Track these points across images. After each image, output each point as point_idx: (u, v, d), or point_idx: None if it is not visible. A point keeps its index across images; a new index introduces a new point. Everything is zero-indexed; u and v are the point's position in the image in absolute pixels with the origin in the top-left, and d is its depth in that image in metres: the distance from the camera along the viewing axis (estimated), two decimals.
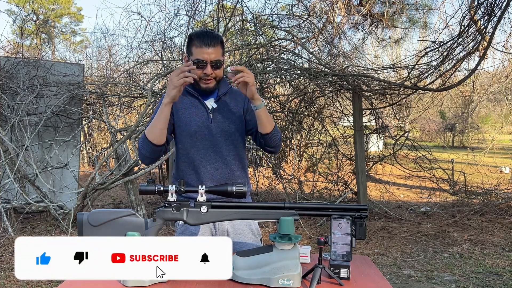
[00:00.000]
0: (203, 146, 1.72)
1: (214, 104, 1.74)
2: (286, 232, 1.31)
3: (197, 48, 1.63)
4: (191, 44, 1.66)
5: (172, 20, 6.61)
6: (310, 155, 6.85)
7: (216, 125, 1.72)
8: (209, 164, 1.72)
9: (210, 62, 1.64)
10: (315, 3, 6.76)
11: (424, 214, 5.64)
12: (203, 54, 1.62)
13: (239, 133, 1.77)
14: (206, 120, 1.72)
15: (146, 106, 4.94)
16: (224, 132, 1.73)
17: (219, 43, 1.66)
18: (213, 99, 1.75)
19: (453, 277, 3.52)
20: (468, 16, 5.17)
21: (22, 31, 6.31)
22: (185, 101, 1.75)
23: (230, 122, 1.74)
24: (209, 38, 1.63)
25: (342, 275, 1.37)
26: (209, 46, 1.62)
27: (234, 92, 1.81)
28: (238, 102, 1.78)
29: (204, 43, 1.62)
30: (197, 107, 1.74)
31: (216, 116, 1.73)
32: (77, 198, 4.82)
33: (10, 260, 3.71)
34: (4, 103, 4.88)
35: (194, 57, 1.65)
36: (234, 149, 1.76)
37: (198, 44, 1.63)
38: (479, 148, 11.97)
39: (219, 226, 1.75)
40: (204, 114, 1.73)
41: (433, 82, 5.69)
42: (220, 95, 1.75)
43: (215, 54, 1.64)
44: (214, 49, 1.63)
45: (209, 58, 1.63)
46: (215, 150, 1.73)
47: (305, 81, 5.70)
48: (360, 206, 1.40)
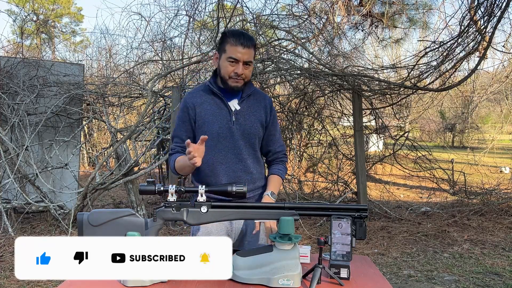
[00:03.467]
0: (223, 147, 1.73)
1: (238, 106, 1.74)
2: (286, 232, 1.31)
3: (232, 46, 1.65)
4: (225, 42, 1.67)
5: (172, 20, 6.63)
6: (310, 155, 6.85)
7: (238, 127, 1.73)
8: (229, 166, 1.73)
9: (243, 62, 1.66)
10: (315, 3, 6.76)
11: (424, 214, 5.63)
12: (237, 53, 1.64)
13: (257, 137, 1.78)
14: (228, 122, 1.72)
15: (146, 106, 4.94)
16: (245, 135, 1.74)
17: (253, 45, 1.69)
18: (236, 101, 1.75)
19: (453, 277, 3.52)
20: (468, 16, 5.17)
21: (22, 31, 6.31)
22: (209, 100, 1.75)
23: (251, 125, 1.75)
24: (245, 39, 1.65)
25: (342, 275, 1.37)
26: (244, 46, 1.64)
27: (258, 94, 1.82)
28: (261, 107, 1.79)
29: (239, 43, 1.64)
30: (220, 107, 1.74)
31: (239, 119, 1.74)
32: (77, 198, 4.82)
33: (10, 260, 3.71)
34: (4, 103, 4.88)
35: (227, 55, 1.66)
36: (253, 152, 1.77)
37: (233, 43, 1.64)
38: (479, 148, 11.97)
39: (235, 224, 1.78)
40: (227, 116, 1.73)
41: (433, 82, 5.69)
42: (244, 97, 1.76)
43: (248, 55, 1.66)
44: (248, 50, 1.65)
45: (242, 58, 1.65)
46: (235, 152, 1.73)
47: (305, 81, 5.69)
48: (360, 206, 1.40)
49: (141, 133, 5.32)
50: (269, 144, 1.84)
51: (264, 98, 1.83)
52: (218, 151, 1.73)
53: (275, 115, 1.85)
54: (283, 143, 1.91)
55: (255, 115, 1.77)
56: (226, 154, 1.73)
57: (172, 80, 6.08)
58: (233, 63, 1.66)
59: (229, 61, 1.66)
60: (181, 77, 5.81)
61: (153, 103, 5.51)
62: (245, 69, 1.68)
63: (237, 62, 1.65)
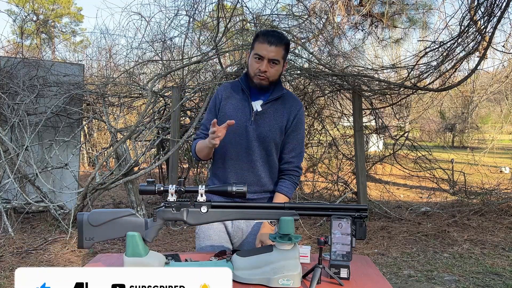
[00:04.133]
0: (237, 144, 1.73)
1: (259, 108, 1.74)
2: (286, 232, 1.31)
3: (259, 44, 1.66)
4: (256, 40, 1.69)
5: (172, 20, 6.61)
6: (310, 155, 6.85)
7: (254, 128, 1.72)
8: (238, 163, 1.73)
9: (268, 60, 1.65)
10: (315, 3, 6.77)
11: (424, 214, 5.63)
12: (263, 50, 1.65)
13: (274, 142, 1.75)
14: (247, 120, 1.73)
15: (146, 106, 4.94)
16: (260, 138, 1.73)
17: (283, 44, 1.67)
18: (261, 102, 1.75)
19: (453, 277, 3.52)
20: (468, 16, 5.17)
21: (22, 31, 6.31)
22: (235, 95, 1.77)
23: (269, 129, 1.73)
24: (273, 37, 1.65)
25: (342, 275, 1.37)
26: (271, 44, 1.64)
27: (288, 98, 1.78)
28: (285, 112, 1.76)
29: (267, 40, 1.65)
30: (244, 105, 1.75)
31: (258, 120, 1.73)
32: (77, 198, 4.82)
33: (10, 260, 3.71)
34: (4, 103, 4.88)
35: (254, 51, 1.68)
36: (265, 155, 1.76)
37: (261, 40, 1.66)
38: (479, 148, 11.97)
39: (235, 223, 1.79)
40: (247, 114, 1.73)
41: (433, 82, 5.69)
42: (270, 99, 1.74)
43: (275, 53, 1.65)
44: (275, 47, 1.65)
45: (267, 55, 1.65)
46: (247, 152, 1.73)
47: (305, 81, 5.69)
48: (360, 206, 1.40)
49: (141, 133, 5.32)
50: (283, 151, 1.79)
51: (293, 103, 1.78)
52: (232, 146, 1.74)
53: (300, 122, 1.78)
54: (300, 153, 1.81)
55: (276, 119, 1.74)
56: (239, 151, 1.74)
57: (172, 80, 6.08)
58: (258, 60, 1.67)
59: (255, 58, 1.68)
60: (181, 77, 5.81)
61: (153, 103, 5.50)
62: (270, 67, 1.67)
63: (262, 59, 1.66)
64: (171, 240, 4.47)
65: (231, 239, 1.80)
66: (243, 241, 1.79)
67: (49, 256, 3.85)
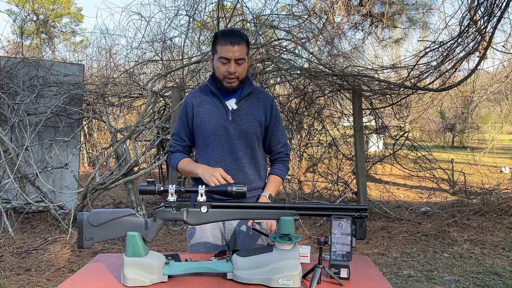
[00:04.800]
0: (219, 146, 1.73)
1: (235, 106, 1.74)
2: (286, 232, 1.31)
3: (222, 46, 1.65)
4: (216, 42, 1.68)
5: (172, 20, 6.64)
6: (310, 155, 6.85)
7: (234, 126, 1.73)
8: (224, 165, 1.72)
9: (234, 60, 1.65)
10: (315, 3, 6.76)
11: (424, 214, 5.63)
12: (228, 52, 1.64)
13: (256, 137, 1.77)
14: (224, 121, 1.73)
15: (146, 106, 4.94)
16: (242, 135, 1.73)
17: (244, 42, 1.67)
18: (234, 100, 1.75)
19: (453, 277, 3.52)
20: (468, 16, 5.17)
21: (22, 31, 6.31)
22: (207, 100, 1.76)
23: (249, 125, 1.74)
24: (234, 36, 1.64)
25: (342, 275, 1.37)
26: (234, 44, 1.63)
27: (259, 93, 1.81)
28: (260, 106, 1.78)
29: (229, 41, 1.63)
30: (218, 107, 1.74)
31: (235, 118, 1.73)
32: (77, 198, 4.82)
33: (10, 260, 3.71)
34: (4, 103, 4.88)
35: (218, 55, 1.66)
36: (250, 152, 1.77)
37: (223, 42, 1.64)
38: (479, 148, 11.98)
39: (228, 224, 1.78)
40: (224, 115, 1.73)
41: (433, 82, 5.69)
42: (243, 96, 1.75)
43: (239, 53, 1.65)
44: (238, 47, 1.64)
45: (233, 56, 1.64)
46: (231, 151, 1.74)
47: (305, 81, 5.69)
48: (360, 206, 1.40)
49: (141, 133, 5.32)
50: (271, 144, 1.84)
51: (265, 97, 1.81)
52: (214, 149, 1.74)
53: (278, 114, 1.83)
54: (286, 142, 1.90)
55: (253, 114, 1.76)
56: (222, 153, 1.73)
57: (172, 80, 6.08)
58: (225, 63, 1.66)
59: (221, 61, 1.66)
60: (181, 77, 5.81)
61: (153, 103, 5.50)
62: (238, 66, 1.67)
63: (228, 61, 1.65)
64: (171, 240, 4.47)
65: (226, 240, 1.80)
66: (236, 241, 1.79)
67: (49, 256, 3.85)
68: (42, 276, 3.39)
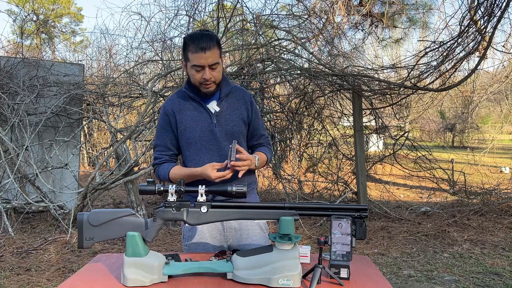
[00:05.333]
0: (208, 151, 1.72)
1: (217, 108, 1.73)
2: (286, 232, 1.31)
3: (193, 54, 1.59)
4: (187, 49, 1.62)
5: (172, 20, 6.63)
6: (310, 155, 6.85)
7: (220, 128, 1.72)
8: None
9: (208, 66, 1.61)
10: (315, 3, 6.77)
11: (424, 214, 5.63)
12: (200, 59, 1.59)
13: (242, 135, 1.77)
14: (209, 124, 1.71)
15: (146, 106, 4.94)
16: (228, 135, 1.73)
17: (215, 44, 1.61)
18: (215, 102, 1.74)
19: (453, 277, 3.52)
20: (468, 16, 5.17)
21: (22, 31, 6.32)
22: (187, 106, 1.74)
23: (234, 124, 1.74)
24: (204, 41, 1.57)
25: (342, 275, 1.37)
26: (205, 50, 1.57)
27: (237, 91, 1.80)
28: (241, 104, 1.77)
29: (199, 48, 1.57)
30: (200, 111, 1.72)
31: (220, 120, 1.72)
32: (77, 198, 4.82)
33: (10, 260, 3.71)
34: (4, 103, 4.88)
35: (191, 63, 1.62)
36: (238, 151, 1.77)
37: (193, 49, 1.59)
38: (479, 148, 11.98)
39: (226, 223, 1.77)
40: (207, 119, 1.72)
41: (433, 82, 5.69)
42: (222, 97, 1.74)
43: (212, 58, 1.60)
44: (210, 52, 1.59)
45: (206, 63, 1.60)
46: (220, 153, 1.72)
47: (305, 81, 5.69)
48: (360, 206, 1.40)
49: (141, 133, 5.32)
50: (254, 138, 1.85)
51: (243, 94, 1.80)
52: (203, 155, 1.72)
53: (257, 108, 1.84)
54: (267, 134, 1.90)
55: (236, 113, 1.75)
56: (212, 157, 1.71)
57: (172, 80, 6.07)
58: (199, 70, 1.62)
59: (194, 69, 1.63)
60: (181, 77, 5.81)
61: (153, 103, 5.50)
62: (213, 71, 1.64)
63: (202, 68, 1.61)
64: (171, 240, 4.47)
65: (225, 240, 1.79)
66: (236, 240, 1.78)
67: (49, 256, 3.85)
68: (42, 276, 3.40)
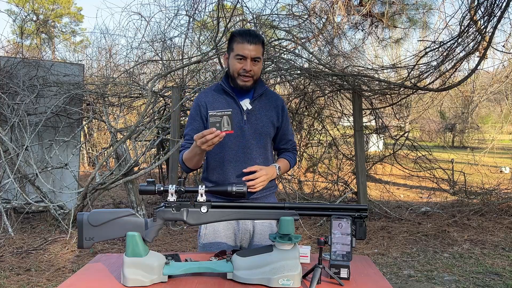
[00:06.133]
0: (234, 146, 1.74)
1: (249, 106, 1.76)
2: (286, 232, 1.31)
3: (239, 44, 1.67)
4: (233, 41, 1.70)
5: (172, 20, 6.65)
6: (310, 155, 6.85)
7: (249, 126, 1.74)
8: (238, 164, 1.73)
9: (251, 58, 1.67)
10: (315, 3, 6.77)
11: (424, 214, 5.63)
12: (244, 50, 1.66)
13: (269, 137, 1.81)
14: (240, 121, 1.74)
15: (146, 106, 4.94)
16: (256, 134, 1.75)
17: (261, 42, 1.70)
18: (248, 100, 1.76)
19: (453, 277, 3.52)
20: (468, 16, 5.17)
21: (22, 31, 6.32)
22: (220, 99, 1.77)
23: (263, 125, 1.77)
24: (251, 36, 1.67)
25: (342, 275, 1.37)
26: (251, 43, 1.66)
27: (270, 94, 1.84)
28: (272, 107, 1.81)
29: (246, 40, 1.66)
30: (232, 106, 1.75)
31: (250, 118, 1.75)
32: (77, 198, 4.82)
33: (10, 260, 3.71)
34: (4, 103, 4.88)
35: (235, 53, 1.68)
36: (264, 151, 1.78)
37: (240, 40, 1.67)
38: (479, 148, 11.98)
39: (242, 225, 1.78)
40: (239, 115, 1.74)
41: (433, 82, 5.68)
42: (256, 96, 1.77)
43: (256, 52, 1.68)
44: (255, 46, 1.67)
45: (249, 55, 1.67)
46: (245, 151, 1.74)
47: (305, 81, 5.69)
48: (360, 206, 1.40)
49: (141, 133, 5.32)
50: (281, 143, 1.90)
51: (276, 98, 1.85)
52: (229, 149, 1.74)
53: (287, 115, 1.88)
54: (294, 140, 1.97)
55: (266, 115, 1.78)
56: (236, 153, 1.74)
57: (172, 80, 6.08)
58: (241, 60, 1.68)
59: (237, 59, 1.68)
60: (181, 77, 5.81)
61: (153, 103, 5.50)
62: (254, 65, 1.69)
63: (245, 59, 1.67)
64: (171, 240, 4.47)
65: (239, 240, 1.80)
66: (250, 242, 1.80)
67: (49, 256, 3.85)
68: (42, 276, 3.39)
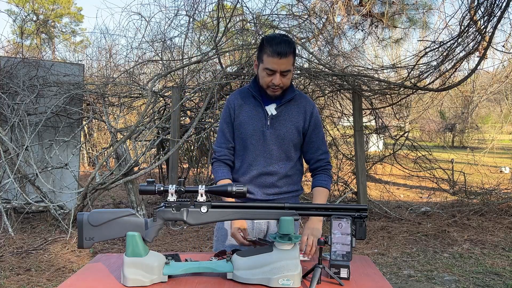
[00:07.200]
0: (255, 149, 1.74)
1: (274, 111, 1.74)
2: (286, 232, 1.31)
3: (269, 57, 1.60)
4: (263, 51, 1.63)
5: (172, 20, 6.64)
6: None
7: (272, 132, 1.73)
8: (257, 168, 1.74)
9: (280, 72, 1.62)
10: (315, 3, 6.77)
11: (424, 214, 5.63)
12: (274, 64, 1.60)
13: (293, 143, 1.76)
14: (263, 125, 1.73)
15: (146, 106, 4.94)
16: (278, 140, 1.73)
17: (292, 52, 1.62)
18: (274, 105, 1.74)
19: (453, 277, 3.52)
20: (468, 16, 5.17)
21: (22, 31, 6.33)
22: (248, 102, 1.77)
23: (286, 130, 1.74)
24: (282, 47, 1.58)
25: (342, 275, 1.37)
26: (281, 56, 1.58)
27: (300, 99, 1.78)
28: (300, 112, 1.76)
29: (276, 53, 1.58)
30: (257, 111, 1.74)
31: (274, 123, 1.73)
32: (77, 198, 4.82)
33: (10, 260, 3.71)
34: (4, 103, 4.88)
35: (264, 65, 1.63)
36: (285, 157, 1.76)
37: (270, 53, 1.59)
38: (479, 148, 11.98)
39: (256, 225, 1.80)
40: (262, 120, 1.73)
41: (433, 82, 5.69)
42: (284, 102, 1.74)
43: (286, 65, 1.61)
44: (286, 59, 1.60)
45: (279, 69, 1.61)
46: (266, 156, 1.74)
47: (305, 81, 5.69)
48: (360, 206, 1.40)
49: (141, 133, 5.32)
50: (310, 151, 1.81)
51: (306, 103, 1.78)
52: (250, 152, 1.75)
53: (318, 121, 1.80)
54: (326, 150, 1.84)
55: (291, 120, 1.74)
56: (257, 157, 1.74)
57: (172, 80, 6.08)
58: (270, 74, 1.64)
59: (266, 72, 1.64)
60: (181, 77, 5.81)
61: (153, 103, 5.50)
62: (283, 77, 1.64)
63: (274, 72, 1.63)
64: (171, 240, 4.47)
65: None
66: None
67: (49, 256, 3.85)
68: (42, 276, 3.39)
